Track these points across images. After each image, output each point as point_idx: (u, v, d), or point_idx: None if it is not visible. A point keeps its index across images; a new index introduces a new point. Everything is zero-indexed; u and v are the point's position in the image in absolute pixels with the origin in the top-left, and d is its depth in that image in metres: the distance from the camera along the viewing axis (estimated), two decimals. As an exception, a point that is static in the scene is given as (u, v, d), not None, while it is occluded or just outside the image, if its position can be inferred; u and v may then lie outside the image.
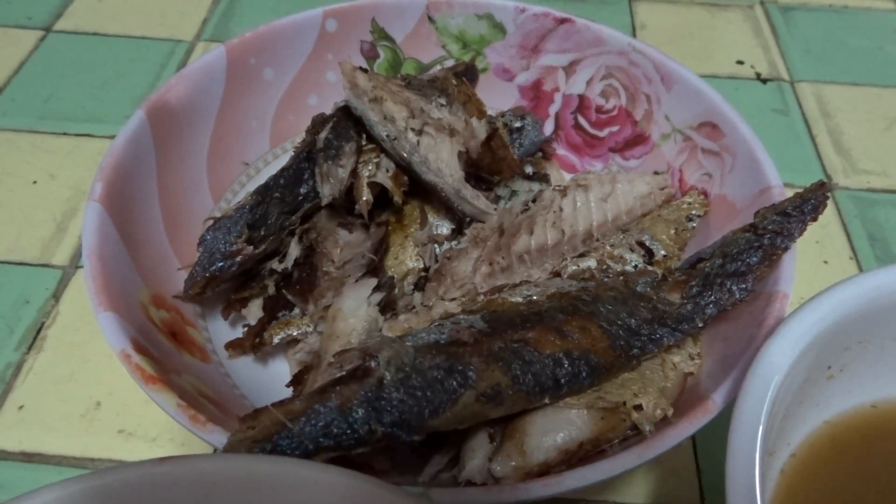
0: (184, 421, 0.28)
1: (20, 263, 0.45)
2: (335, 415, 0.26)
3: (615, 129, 0.48)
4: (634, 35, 0.65)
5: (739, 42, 0.65)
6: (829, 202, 0.51)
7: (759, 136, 0.40)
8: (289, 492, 0.24)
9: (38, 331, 0.42)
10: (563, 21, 0.47)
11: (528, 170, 0.47)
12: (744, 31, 0.67)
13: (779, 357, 0.28)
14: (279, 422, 0.26)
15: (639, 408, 0.31)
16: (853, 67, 0.63)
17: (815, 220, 0.34)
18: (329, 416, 0.26)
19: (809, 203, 0.34)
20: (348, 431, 0.26)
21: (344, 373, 0.28)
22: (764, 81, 0.61)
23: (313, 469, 0.24)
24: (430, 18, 0.50)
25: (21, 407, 0.39)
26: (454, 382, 0.28)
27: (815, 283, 0.44)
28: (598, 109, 0.48)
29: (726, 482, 0.25)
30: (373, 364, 0.28)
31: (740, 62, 0.63)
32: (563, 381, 0.30)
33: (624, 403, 0.31)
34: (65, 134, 0.54)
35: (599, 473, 0.27)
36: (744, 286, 0.33)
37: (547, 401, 0.30)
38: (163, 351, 0.33)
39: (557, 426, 0.30)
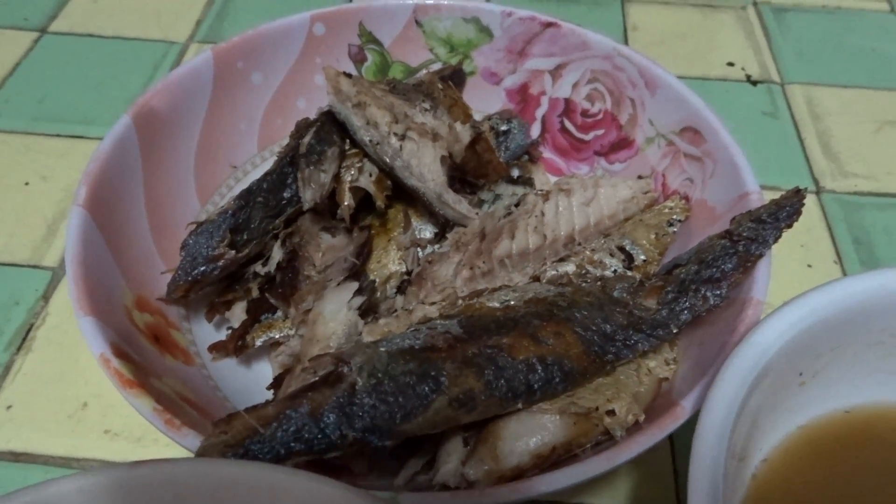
0: (159, 425, 0.28)
1: (10, 264, 0.46)
2: (306, 420, 0.27)
3: (600, 132, 0.48)
4: (626, 36, 0.65)
5: (732, 43, 0.65)
6: (815, 205, 0.52)
7: (748, 139, 0.40)
8: (258, 495, 0.24)
9: (28, 331, 0.43)
10: (549, 25, 0.48)
11: (515, 173, 0.47)
12: (736, 32, 0.67)
13: (747, 363, 0.28)
14: (251, 427, 0.27)
15: (611, 413, 0.31)
16: (845, 69, 0.63)
17: (790, 227, 0.34)
18: (300, 422, 0.27)
19: (784, 210, 0.34)
20: (319, 436, 0.27)
21: (317, 378, 0.28)
22: (754, 84, 0.61)
23: (282, 473, 0.24)
24: (417, 22, 0.50)
25: (9, 407, 0.39)
26: (426, 388, 0.29)
27: (799, 286, 0.44)
28: (584, 113, 0.48)
29: (689, 487, 0.26)
30: (345, 370, 0.28)
31: (731, 64, 0.63)
32: (536, 386, 0.31)
33: (596, 409, 0.31)
34: (58, 135, 0.54)
35: (568, 478, 0.27)
36: (718, 292, 0.34)
37: (520, 406, 0.31)
38: (144, 354, 0.34)
39: (530, 431, 0.31)
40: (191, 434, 0.28)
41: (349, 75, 0.42)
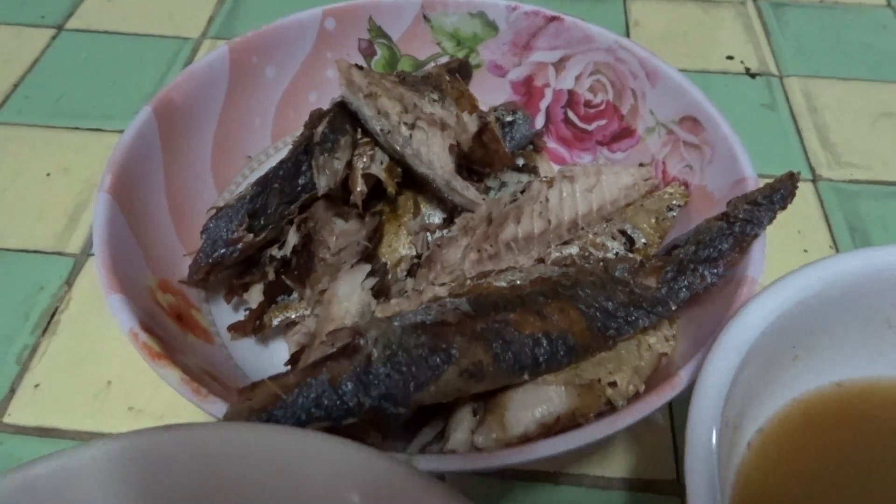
0: (187, 394, 0.30)
1: (35, 251, 0.48)
2: (326, 388, 0.29)
3: (603, 123, 0.50)
4: (628, 32, 0.66)
5: (731, 38, 0.67)
6: (812, 194, 0.53)
7: (747, 131, 0.42)
8: (282, 456, 0.26)
9: (53, 315, 0.44)
10: (552, 19, 0.49)
11: (520, 162, 0.49)
12: (735, 27, 0.68)
13: (740, 335, 0.30)
14: (274, 394, 0.28)
15: (613, 384, 0.33)
16: (842, 63, 0.64)
17: (783, 208, 0.36)
18: (320, 389, 0.29)
19: (778, 193, 0.36)
20: (338, 403, 0.29)
21: (335, 349, 0.30)
22: (753, 76, 0.63)
23: (304, 435, 0.26)
24: (425, 17, 0.52)
25: (37, 385, 0.41)
26: (438, 359, 0.30)
27: (795, 271, 0.46)
28: (587, 104, 0.50)
29: (686, 453, 0.27)
30: (361, 342, 0.30)
31: (730, 58, 0.64)
32: (541, 359, 0.32)
33: (599, 380, 0.33)
34: (76, 129, 0.56)
35: (569, 442, 0.29)
36: (715, 271, 0.35)
37: (526, 377, 0.32)
38: (169, 332, 0.35)
39: (536, 401, 0.32)
40: (217, 402, 0.30)
41: (361, 67, 0.44)
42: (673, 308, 0.35)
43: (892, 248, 0.33)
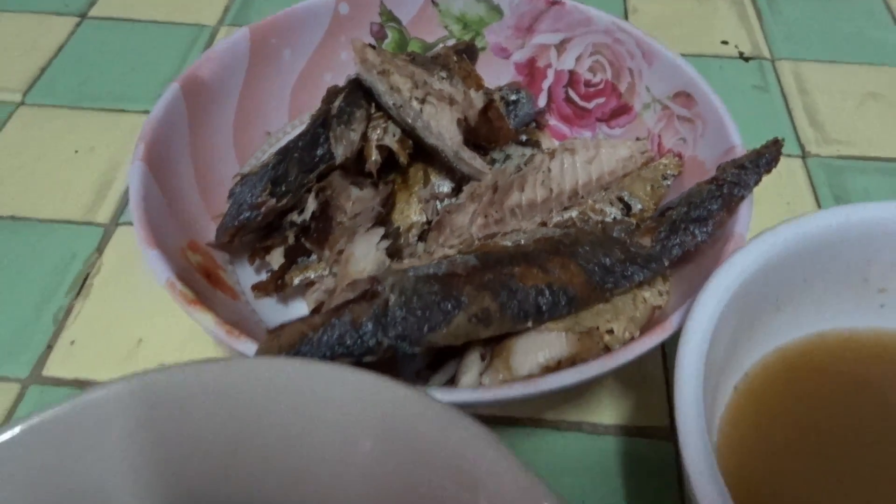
0: (221, 335, 0.33)
1: (67, 221, 0.51)
2: (348, 327, 0.32)
3: (602, 101, 0.52)
4: (627, 19, 0.69)
5: (725, 24, 0.70)
6: (801, 169, 0.56)
7: (740, 111, 0.44)
8: (312, 386, 0.29)
9: (85, 280, 0.47)
10: (554, 3, 0.52)
11: (523, 138, 0.52)
12: (730, 14, 0.71)
13: (725, 282, 0.32)
14: (302, 332, 0.31)
15: (610, 332, 0.36)
16: (831, 47, 0.67)
17: (769, 172, 0.39)
18: (343, 329, 0.31)
19: (764, 157, 0.39)
20: (359, 342, 0.31)
21: (356, 295, 0.33)
22: (746, 60, 0.65)
23: (329, 367, 0.29)
24: (433, 2, 0.54)
25: (73, 342, 0.44)
26: (449, 305, 0.33)
27: (784, 240, 0.48)
28: (587, 83, 0.53)
29: (675, 385, 0.30)
30: (379, 288, 0.33)
31: (725, 42, 0.67)
32: (544, 308, 0.35)
33: (597, 328, 0.36)
34: (101, 110, 0.59)
35: (570, 377, 0.32)
36: (705, 230, 0.38)
37: (530, 325, 0.35)
38: (200, 287, 0.38)
39: (539, 346, 0.35)
40: (248, 342, 0.32)
41: (374, 47, 0.46)
42: (666, 264, 0.38)
43: (868, 205, 0.36)
